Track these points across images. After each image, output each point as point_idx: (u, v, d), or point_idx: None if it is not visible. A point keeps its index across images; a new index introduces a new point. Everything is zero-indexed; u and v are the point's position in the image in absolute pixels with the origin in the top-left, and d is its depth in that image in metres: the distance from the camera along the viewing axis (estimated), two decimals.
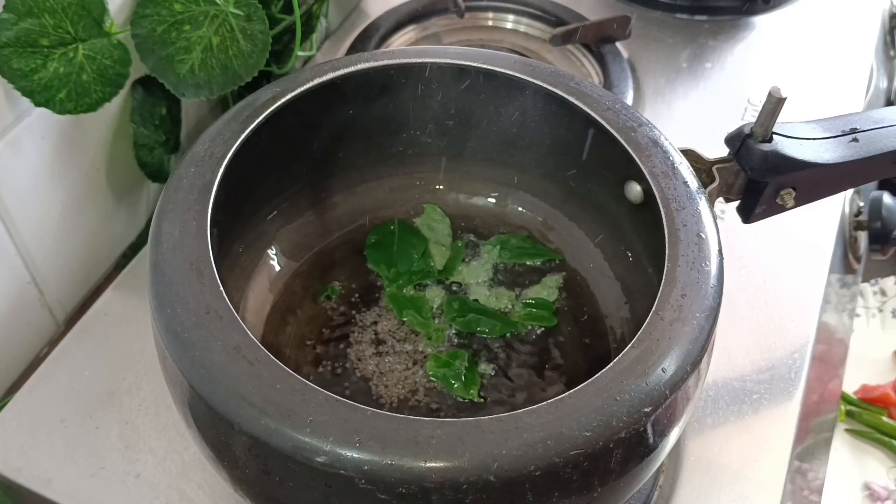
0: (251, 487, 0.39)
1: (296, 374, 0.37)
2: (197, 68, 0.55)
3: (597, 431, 0.35)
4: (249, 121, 0.48)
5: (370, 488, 0.35)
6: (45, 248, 0.57)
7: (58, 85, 0.51)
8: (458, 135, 0.58)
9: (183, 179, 0.45)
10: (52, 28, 0.50)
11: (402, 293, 0.55)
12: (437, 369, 0.51)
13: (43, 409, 0.53)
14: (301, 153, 0.55)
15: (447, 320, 0.54)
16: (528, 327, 0.54)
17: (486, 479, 0.34)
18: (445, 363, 0.51)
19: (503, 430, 0.35)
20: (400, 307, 0.54)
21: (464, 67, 0.53)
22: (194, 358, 0.38)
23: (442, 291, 0.56)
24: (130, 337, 0.57)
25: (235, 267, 0.53)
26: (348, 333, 0.54)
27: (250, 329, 0.40)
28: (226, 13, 0.55)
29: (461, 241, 0.59)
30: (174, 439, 0.52)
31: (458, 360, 0.51)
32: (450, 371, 0.51)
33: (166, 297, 0.40)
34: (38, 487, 0.50)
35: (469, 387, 0.50)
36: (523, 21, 0.80)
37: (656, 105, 0.74)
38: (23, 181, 0.54)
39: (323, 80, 0.50)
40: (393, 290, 0.55)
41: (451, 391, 0.50)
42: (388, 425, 0.35)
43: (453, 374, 0.51)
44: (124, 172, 0.62)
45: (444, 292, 0.56)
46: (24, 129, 0.52)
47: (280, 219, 0.57)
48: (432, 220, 0.59)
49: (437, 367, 0.51)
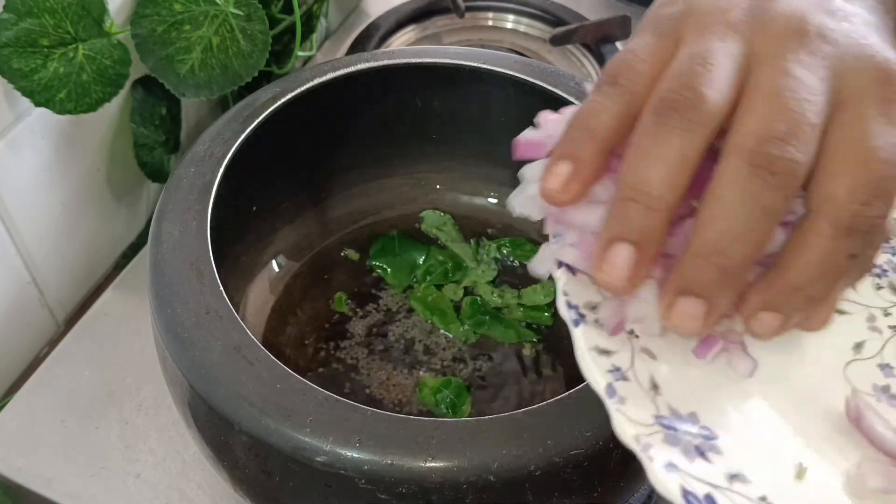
0: (251, 487, 0.39)
1: (296, 375, 0.37)
2: (197, 68, 0.55)
3: (597, 431, 0.35)
4: (249, 121, 0.48)
5: (370, 488, 0.35)
6: (45, 248, 0.57)
7: (58, 85, 0.51)
8: (457, 135, 0.58)
9: (183, 179, 0.45)
10: (52, 28, 0.50)
11: (425, 296, 0.56)
12: (429, 396, 0.51)
13: (43, 410, 0.53)
14: (301, 153, 0.55)
15: (464, 319, 0.55)
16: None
17: (486, 478, 0.34)
18: (437, 390, 0.51)
19: (503, 429, 0.35)
20: (426, 309, 0.55)
21: (464, 68, 0.53)
22: (194, 358, 0.38)
23: (460, 291, 0.57)
24: (130, 337, 0.57)
25: (235, 267, 0.53)
26: (349, 334, 0.54)
27: (250, 329, 0.40)
28: (226, 13, 0.55)
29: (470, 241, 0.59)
30: (174, 439, 0.52)
31: (448, 389, 0.51)
32: (441, 397, 0.51)
33: (166, 297, 0.40)
34: (38, 487, 0.50)
35: (458, 415, 0.50)
36: (523, 21, 0.80)
37: None
38: (23, 181, 0.53)
39: (323, 81, 0.50)
40: (417, 293, 0.56)
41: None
42: (388, 425, 0.35)
43: (444, 402, 0.50)
44: (124, 172, 0.62)
45: (461, 292, 0.56)
46: (24, 129, 0.52)
47: (280, 219, 0.57)
48: (436, 223, 0.59)
49: (429, 394, 0.51)
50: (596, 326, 0.28)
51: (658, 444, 0.26)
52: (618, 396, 0.27)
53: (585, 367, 0.28)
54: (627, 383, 0.27)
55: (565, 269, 0.29)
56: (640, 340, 0.29)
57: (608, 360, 0.28)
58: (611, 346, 0.28)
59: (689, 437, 0.27)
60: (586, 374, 0.28)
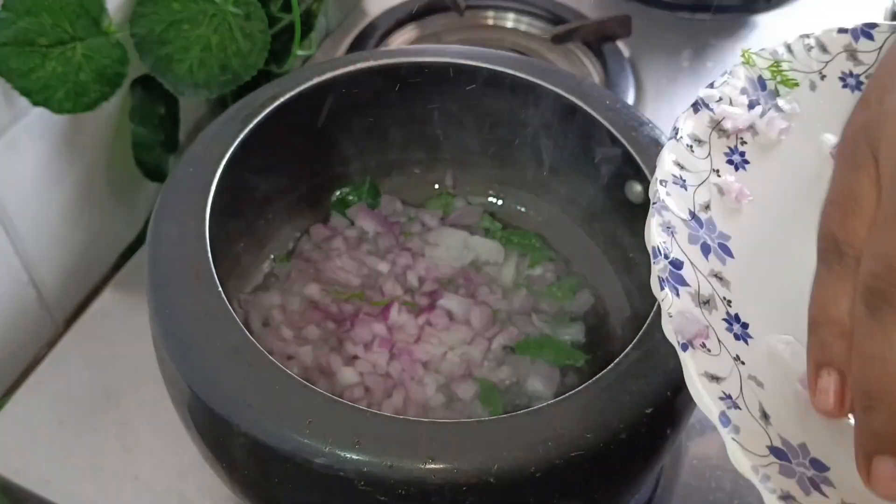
0: (250, 489, 0.39)
1: (295, 376, 0.37)
2: (196, 67, 0.55)
3: (598, 433, 0.35)
4: (248, 120, 0.47)
5: (370, 490, 0.34)
6: (44, 249, 0.57)
7: (56, 84, 0.50)
8: (458, 134, 0.57)
9: (181, 180, 0.45)
10: (51, 27, 0.50)
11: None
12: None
13: (41, 410, 0.53)
14: (300, 153, 0.55)
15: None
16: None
17: (486, 480, 0.34)
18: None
19: (503, 431, 0.35)
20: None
21: (464, 67, 0.52)
22: (193, 359, 0.38)
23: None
24: (129, 338, 0.56)
25: (234, 268, 0.53)
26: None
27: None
28: (225, 12, 0.54)
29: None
30: (173, 441, 0.52)
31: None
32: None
33: (165, 298, 0.40)
34: (36, 488, 0.50)
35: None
36: (524, 20, 0.79)
37: (657, 104, 0.73)
38: (21, 181, 0.53)
39: (322, 80, 0.50)
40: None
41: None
42: (388, 426, 0.35)
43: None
44: (123, 172, 0.62)
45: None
46: (23, 128, 0.52)
47: (279, 219, 0.56)
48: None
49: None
50: (702, 350, 0.28)
51: (775, 475, 0.26)
52: (732, 426, 0.27)
53: (696, 393, 0.27)
54: (739, 412, 0.27)
55: (670, 292, 0.29)
56: (745, 367, 0.29)
57: (718, 387, 0.28)
58: (720, 372, 0.28)
59: (803, 468, 0.27)
60: (698, 401, 0.27)
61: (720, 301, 0.31)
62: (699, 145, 0.35)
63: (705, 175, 0.34)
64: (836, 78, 0.38)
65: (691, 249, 0.32)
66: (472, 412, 0.49)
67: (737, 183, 0.34)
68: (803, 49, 0.38)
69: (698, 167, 0.34)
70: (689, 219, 0.33)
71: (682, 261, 0.31)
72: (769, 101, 0.37)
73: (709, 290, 0.31)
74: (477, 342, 0.52)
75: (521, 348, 0.52)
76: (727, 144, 0.36)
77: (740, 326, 0.31)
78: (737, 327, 0.30)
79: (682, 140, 0.35)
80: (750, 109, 0.36)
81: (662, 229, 0.31)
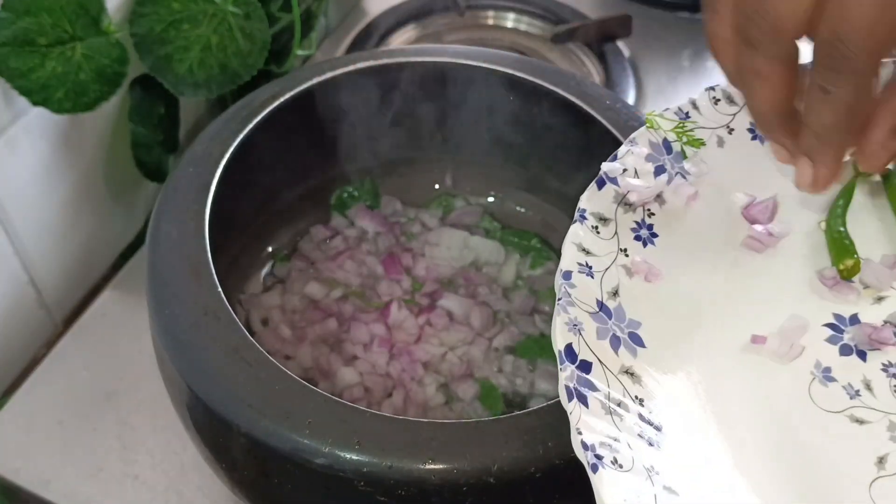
0: (250, 489, 0.39)
1: (295, 376, 0.37)
2: (195, 67, 0.55)
3: None
4: (248, 120, 0.47)
5: (369, 490, 0.34)
6: (43, 248, 0.57)
7: (55, 84, 0.50)
8: (458, 134, 0.57)
9: (181, 179, 0.45)
10: (50, 27, 0.49)
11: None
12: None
13: (41, 410, 0.53)
14: (300, 153, 0.55)
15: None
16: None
17: (486, 480, 0.34)
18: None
19: (503, 431, 0.35)
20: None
21: (464, 66, 0.52)
22: (193, 359, 0.38)
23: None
24: (128, 338, 0.56)
25: (234, 267, 0.53)
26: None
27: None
28: (224, 12, 0.54)
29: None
30: (172, 440, 0.51)
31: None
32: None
33: (164, 298, 0.40)
34: (36, 489, 0.50)
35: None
36: (524, 20, 0.79)
37: (658, 104, 0.73)
38: (20, 181, 0.53)
39: (322, 80, 0.50)
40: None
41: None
42: (387, 427, 0.35)
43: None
44: (122, 172, 0.61)
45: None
46: (22, 128, 0.52)
47: (279, 219, 0.56)
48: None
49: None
50: (613, 468, 0.27)
51: None
52: None
53: None
54: None
55: (577, 401, 0.29)
56: (660, 478, 0.28)
57: None
58: (632, 491, 0.27)
59: None
60: None
61: (631, 401, 0.30)
62: (604, 224, 0.34)
63: (613, 257, 0.34)
64: (745, 130, 0.37)
65: (600, 346, 0.31)
66: (472, 412, 0.49)
67: (645, 263, 0.34)
68: (709, 103, 0.37)
69: (604, 249, 0.34)
70: (597, 310, 0.32)
71: (591, 361, 0.30)
72: (676, 164, 0.36)
73: (620, 390, 0.30)
74: (477, 342, 0.52)
75: (522, 348, 0.52)
76: (634, 219, 0.35)
77: (653, 430, 0.30)
78: (649, 431, 0.30)
79: (586, 222, 0.34)
80: (657, 177, 0.35)
81: (568, 328, 0.30)
